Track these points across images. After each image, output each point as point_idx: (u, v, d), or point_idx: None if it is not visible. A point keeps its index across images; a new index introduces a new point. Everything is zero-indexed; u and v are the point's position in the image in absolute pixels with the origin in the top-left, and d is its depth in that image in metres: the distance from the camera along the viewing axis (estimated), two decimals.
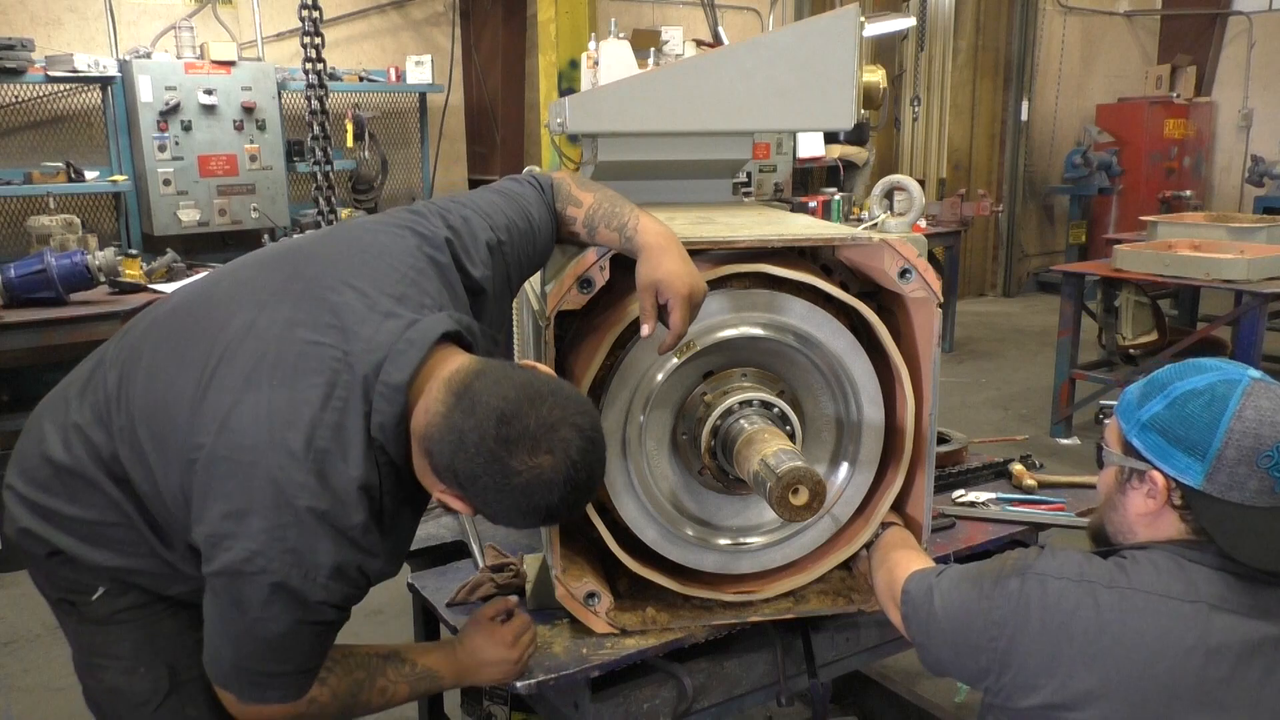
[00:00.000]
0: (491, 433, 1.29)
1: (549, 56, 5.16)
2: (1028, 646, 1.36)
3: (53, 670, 3.36)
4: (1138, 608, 1.32)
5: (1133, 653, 1.30)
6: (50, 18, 5.60)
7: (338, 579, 1.36)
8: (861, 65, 2.00)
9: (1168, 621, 1.30)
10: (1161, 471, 1.36)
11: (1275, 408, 1.31)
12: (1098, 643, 1.31)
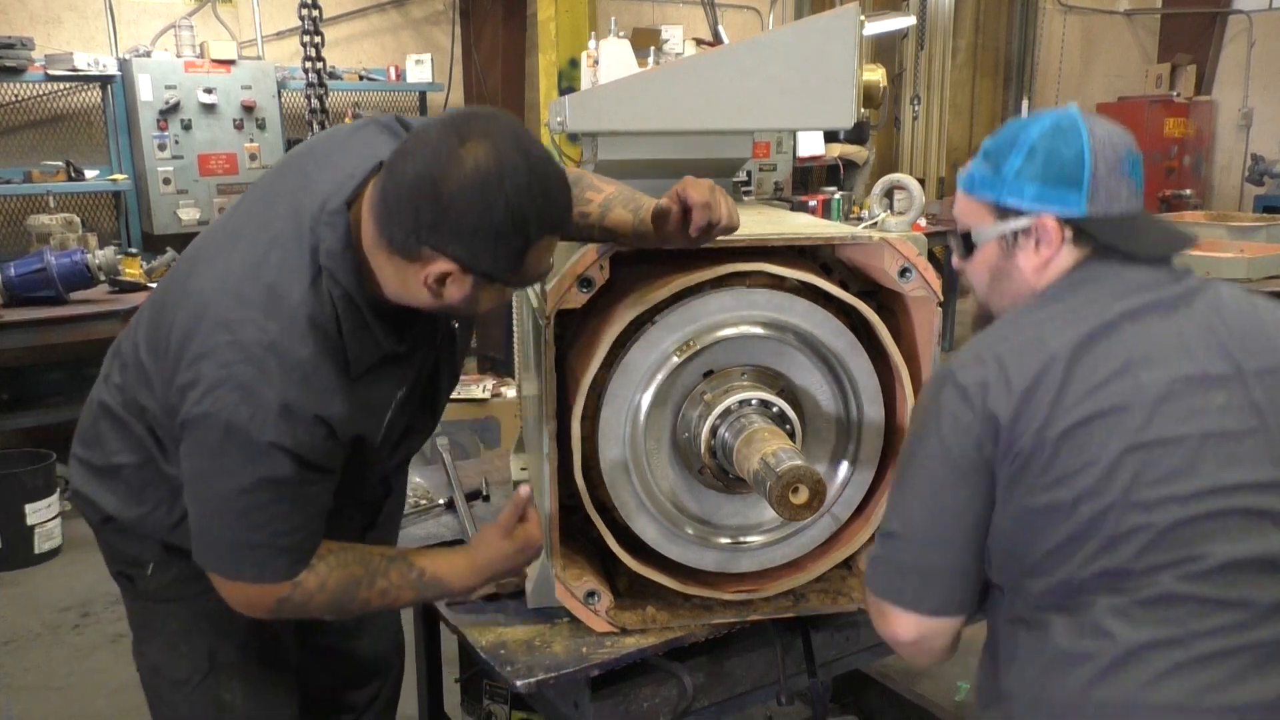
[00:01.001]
0: (433, 141, 1.29)
1: (549, 55, 5.16)
2: (1007, 411, 1.26)
3: (53, 670, 3.36)
4: (1052, 327, 1.30)
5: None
6: (50, 16, 5.60)
7: (287, 418, 1.33)
8: (861, 64, 2.00)
9: (1085, 315, 1.31)
10: (1049, 214, 1.35)
11: (1105, 124, 1.37)
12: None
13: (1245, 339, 1.29)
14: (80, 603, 3.83)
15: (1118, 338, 1.27)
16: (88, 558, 4.19)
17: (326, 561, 1.46)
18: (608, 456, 1.69)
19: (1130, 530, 1.20)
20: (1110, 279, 1.34)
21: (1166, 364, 1.25)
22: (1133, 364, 1.25)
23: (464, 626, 1.78)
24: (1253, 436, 1.23)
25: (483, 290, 1.38)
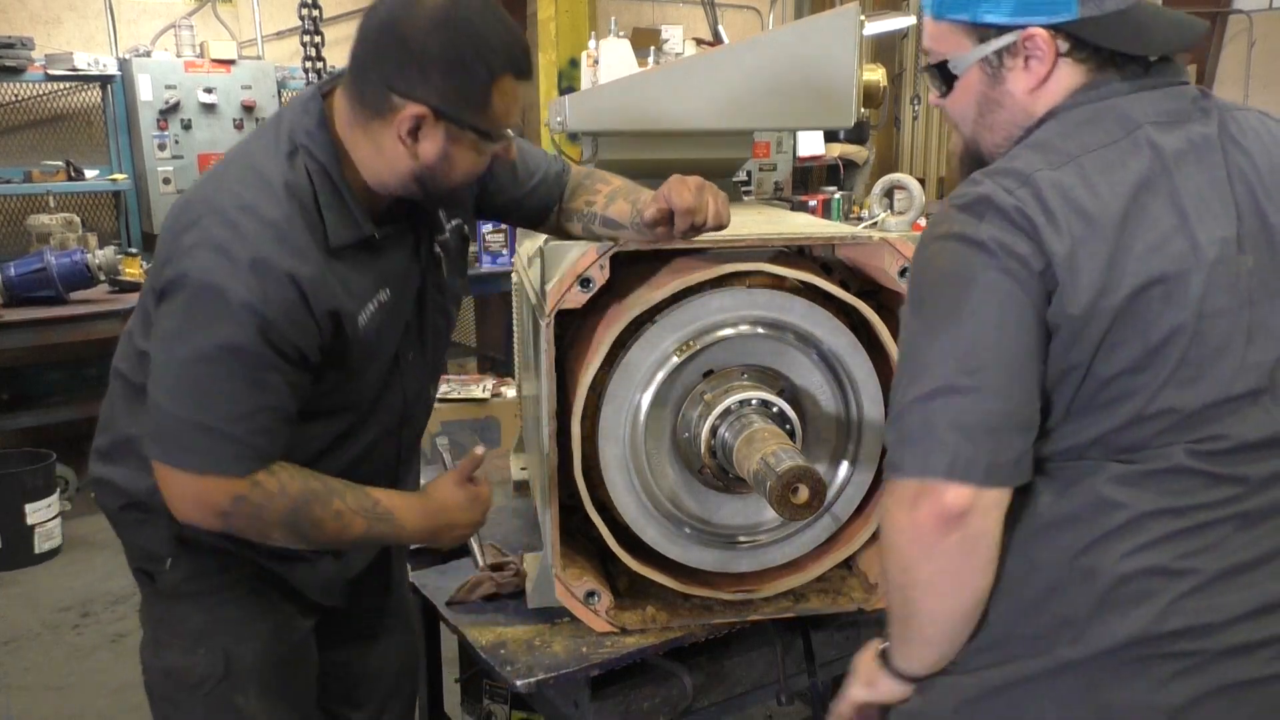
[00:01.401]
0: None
1: (549, 55, 5.16)
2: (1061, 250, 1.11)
3: (53, 669, 3.36)
4: (1096, 166, 1.14)
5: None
6: (50, 16, 5.60)
7: (258, 273, 1.33)
8: (861, 64, 2.00)
9: (1128, 161, 1.15)
10: (1036, 24, 1.18)
11: None
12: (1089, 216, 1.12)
13: (1270, 182, 1.19)
14: (80, 603, 3.83)
15: (1167, 186, 1.13)
16: (88, 558, 4.19)
17: (288, 470, 1.44)
18: (608, 456, 1.69)
19: (1160, 411, 1.11)
20: (1136, 107, 1.18)
21: (1214, 220, 1.14)
22: (1188, 219, 1.13)
23: (464, 626, 1.79)
24: (1272, 301, 1.15)
25: (455, 145, 1.40)
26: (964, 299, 1.11)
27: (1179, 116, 1.19)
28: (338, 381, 1.49)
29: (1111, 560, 1.12)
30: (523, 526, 2.19)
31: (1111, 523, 1.12)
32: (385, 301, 1.51)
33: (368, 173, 1.44)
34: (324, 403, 1.51)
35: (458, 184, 1.48)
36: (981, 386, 1.10)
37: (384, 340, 1.54)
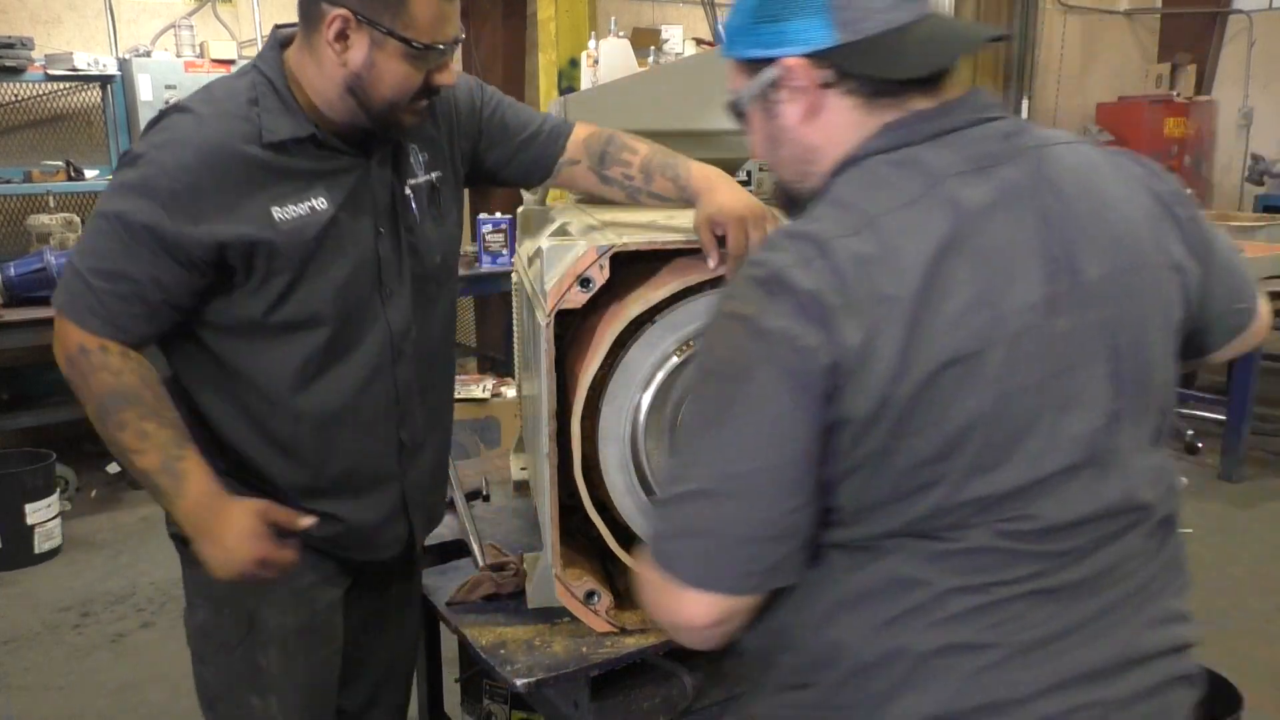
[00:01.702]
0: None
1: (549, 55, 5.16)
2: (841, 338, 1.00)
3: (53, 669, 3.36)
4: (895, 230, 1.03)
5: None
6: (50, 16, 5.59)
7: (172, 151, 1.48)
8: None
9: (928, 223, 1.03)
10: (792, 54, 1.10)
11: None
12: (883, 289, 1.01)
13: (1086, 231, 1.06)
14: (80, 603, 3.83)
15: (971, 249, 1.02)
16: (88, 558, 4.19)
17: (140, 368, 1.52)
18: (608, 456, 1.69)
19: (968, 500, 1.03)
20: (938, 156, 1.07)
21: (1023, 282, 1.03)
22: (993, 285, 1.02)
23: (464, 626, 1.79)
24: (1089, 366, 1.05)
25: (380, 51, 1.48)
26: (736, 398, 1.03)
27: (988, 160, 1.07)
28: (280, 286, 1.55)
29: (910, 638, 1.05)
30: (523, 526, 2.19)
31: (911, 601, 1.05)
32: (322, 210, 1.56)
33: (314, 93, 1.54)
34: (281, 312, 1.57)
35: (389, 98, 1.52)
36: (740, 494, 1.03)
37: (329, 251, 1.58)
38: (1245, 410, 4.82)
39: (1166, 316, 1.13)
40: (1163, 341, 1.12)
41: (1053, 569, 1.06)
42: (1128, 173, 1.17)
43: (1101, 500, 1.07)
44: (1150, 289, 1.11)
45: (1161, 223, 1.15)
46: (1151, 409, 1.12)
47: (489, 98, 1.81)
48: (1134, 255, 1.10)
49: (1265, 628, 3.51)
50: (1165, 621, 1.12)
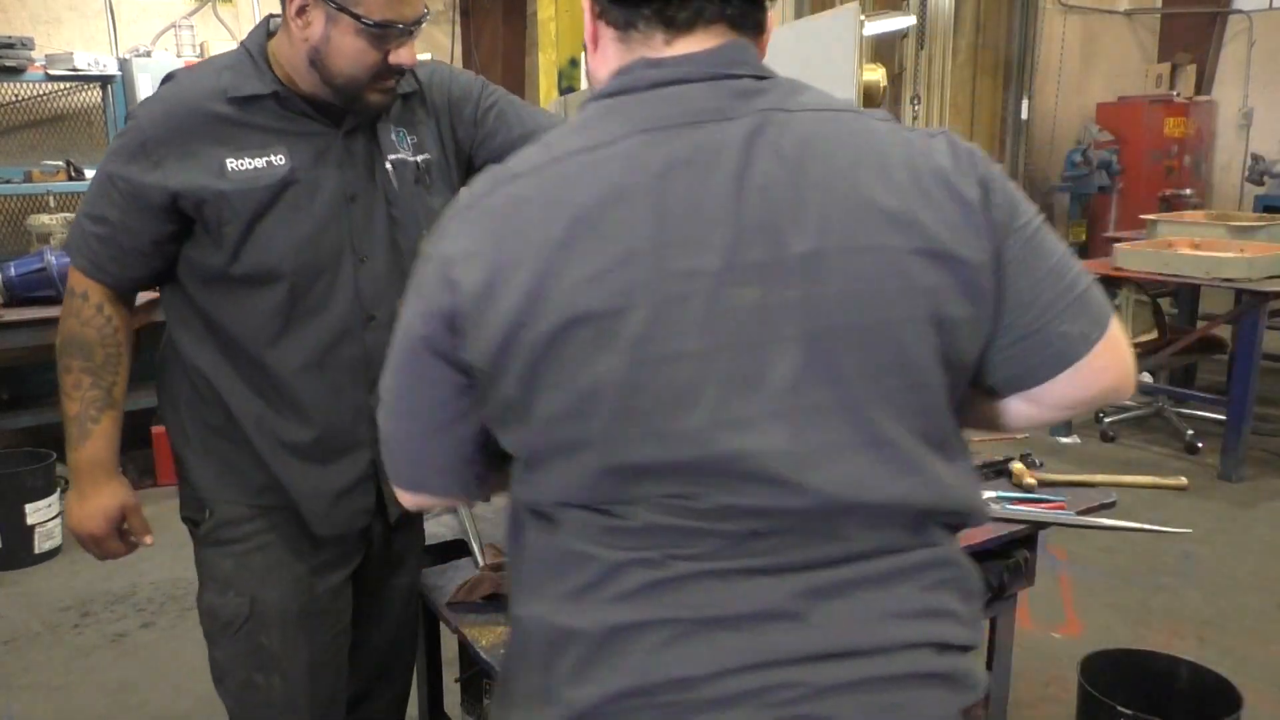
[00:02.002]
0: None
1: (549, 55, 5.16)
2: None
3: (53, 669, 3.36)
4: (564, 176, 0.99)
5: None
6: (50, 16, 5.59)
7: (149, 108, 1.65)
8: (861, 64, 2.00)
9: (597, 173, 0.98)
10: None
11: None
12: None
13: (805, 204, 0.97)
14: (80, 602, 3.83)
15: (638, 204, 0.96)
16: (88, 558, 4.17)
17: (107, 325, 1.71)
18: None
19: (620, 469, 0.98)
20: (643, 108, 1.01)
21: (692, 247, 0.95)
22: (653, 245, 0.95)
23: (464, 626, 1.78)
24: (780, 346, 0.95)
25: (335, 27, 1.55)
26: (397, 332, 1.08)
27: (697, 117, 1.00)
28: (234, 236, 1.63)
29: (585, 615, 1.01)
30: None
31: (586, 576, 1.01)
32: (279, 166, 1.63)
33: (288, 65, 1.64)
34: (240, 263, 1.65)
35: (346, 72, 1.59)
36: (400, 416, 1.11)
37: (286, 207, 1.64)
38: (1245, 410, 4.81)
39: (922, 309, 0.99)
40: (918, 336, 0.99)
41: (741, 551, 0.99)
42: (910, 151, 1.02)
43: (793, 492, 0.97)
44: (888, 274, 0.97)
45: (935, 208, 0.99)
46: (907, 408, 1.00)
47: (490, 91, 1.86)
48: (868, 235, 0.97)
49: (1265, 628, 3.51)
50: (917, 616, 1.03)
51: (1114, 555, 4.02)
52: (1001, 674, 2.37)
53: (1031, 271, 1.04)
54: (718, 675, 0.98)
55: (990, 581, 2.12)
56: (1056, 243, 1.08)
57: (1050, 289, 1.05)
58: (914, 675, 1.01)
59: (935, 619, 1.04)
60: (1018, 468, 2.41)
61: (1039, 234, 1.06)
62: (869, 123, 1.06)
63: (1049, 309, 1.04)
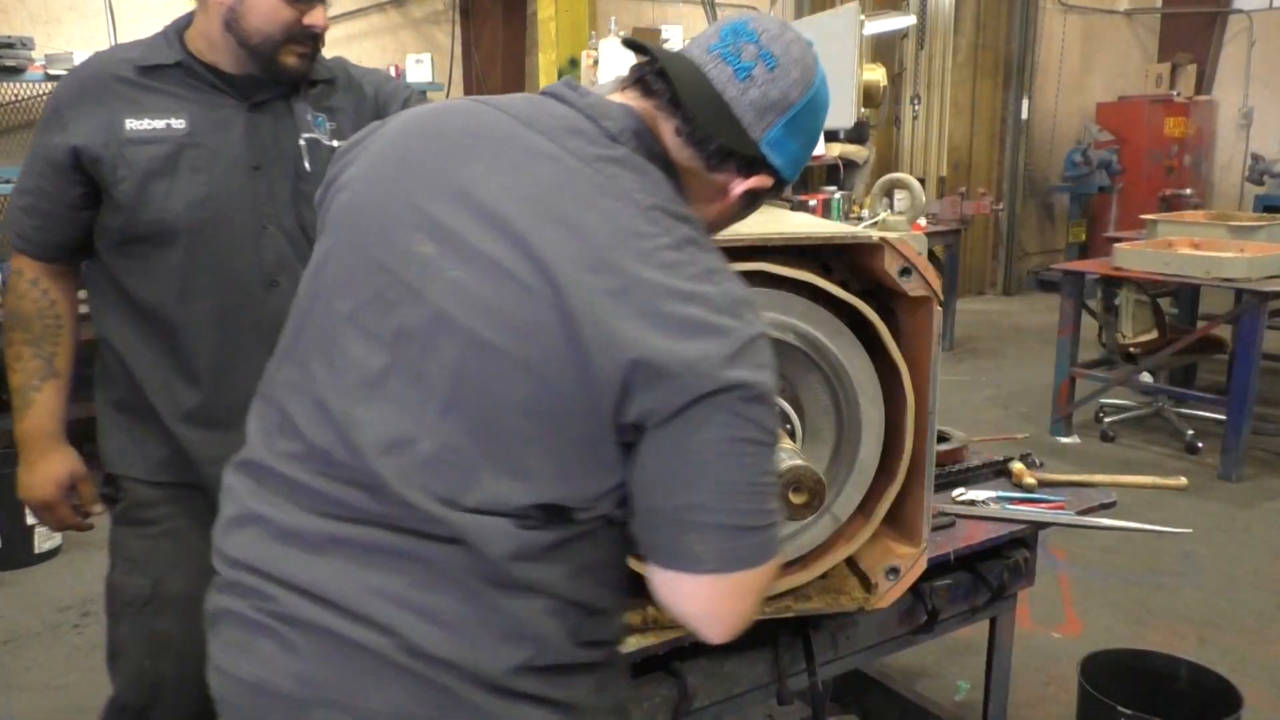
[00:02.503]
0: None
1: (549, 55, 5.16)
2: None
3: (53, 668, 3.36)
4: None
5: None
6: (50, 16, 5.59)
7: (65, 81, 1.78)
8: (861, 64, 2.00)
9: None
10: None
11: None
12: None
13: (445, 208, 1.12)
14: (80, 602, 3.83)
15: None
16: (88, 557, 4.19)
17: (44, 298, 1.83)
18: None
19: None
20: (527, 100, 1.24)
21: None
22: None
23: None
24: (353, 336, 1.14)
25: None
26: None
27: (522, 120, 1.18)
28: (129, 193, 1.70)
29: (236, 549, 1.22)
30: None
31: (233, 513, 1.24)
32: (178, 129, 1.72)
33: (203, 39, 1.75)
34: (137, 222, 1.72)
35: (262, 29, 1.70)
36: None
37: (184, 170, 1.72)
38: (1245, 410, 4.81)
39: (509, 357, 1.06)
40: (511, 382, 1.06)
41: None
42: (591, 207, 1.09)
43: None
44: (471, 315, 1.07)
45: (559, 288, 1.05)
46: (486, 441, 1.08)
47: (401, 89, 1.95)
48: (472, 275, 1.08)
49: (1265, 628, 3.51)
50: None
51: (1114, 555, 4.02)
52: (1001, 674, 2.37)
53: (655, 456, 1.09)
54: (244, 567, 1.18)
55: (990, 581, 2.12)
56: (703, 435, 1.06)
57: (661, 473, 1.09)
58: (359, 646, 1.08)
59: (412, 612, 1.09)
60: (1018, 468, 2.41)
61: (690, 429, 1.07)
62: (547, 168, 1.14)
63: (655, 487, 1.11)
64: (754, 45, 1.17)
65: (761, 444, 1.08)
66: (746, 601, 1.13)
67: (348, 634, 1.08)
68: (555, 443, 1.08)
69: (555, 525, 1.11)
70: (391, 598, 1.08)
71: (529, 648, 1.10)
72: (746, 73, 1.16)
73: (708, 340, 1.04)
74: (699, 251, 1.09)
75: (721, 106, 1.17)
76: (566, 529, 1.12)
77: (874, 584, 1.83)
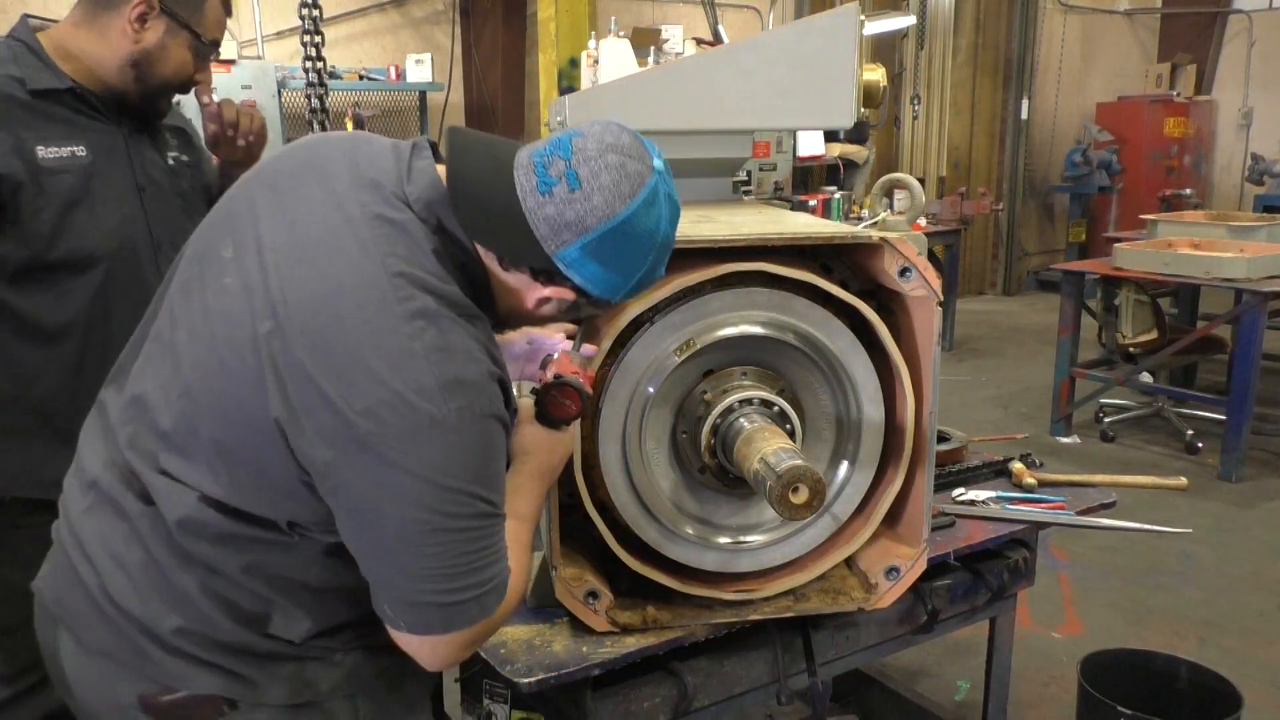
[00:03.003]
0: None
1: (549, 55, 5.16)
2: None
3: None
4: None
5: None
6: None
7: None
8: (861, 63, 2.00)
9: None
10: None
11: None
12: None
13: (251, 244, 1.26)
14: None
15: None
16: None
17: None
18: (608, 456, 1.69)
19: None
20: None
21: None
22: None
23: None
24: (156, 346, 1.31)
25: (172, 39, 1.80)
26: None
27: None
28: (50, 221, 1.72)
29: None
30: None
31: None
32: (81, 157, 1.77)
33: (90, 60, 1.79)
34: (59, 248, 1.74)
35: (167, 77, 1.83)
36: None
37: (95, 196, 1.78)
38: (1245, 410, 4.81)
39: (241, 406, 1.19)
40: (223, 393, 1.20)
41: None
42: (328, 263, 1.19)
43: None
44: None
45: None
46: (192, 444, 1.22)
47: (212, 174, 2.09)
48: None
49: (1265, 628, 3.51)
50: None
51: (1114, 555, 4.02)
52: (1001, 674, 2.37)
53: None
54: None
55: (990, 581, 2.12)
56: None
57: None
58: (84, 584, 1.27)
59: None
60: (1018, 468, 2.41)
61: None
62: (319, 226, 1.25)
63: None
64: (563, 162, 1.18)
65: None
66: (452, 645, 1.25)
67: (79, 570, 1.28)
68: (244, 454, 1.19)
69: (237, 520, 1.22)
70: (107, 547, 1.26)
71: (189, 618, 1.23)
72: (548, 188, 1.18)
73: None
74: (427, 326, 1.13)
75: (515, 213, 1.18)
76: (248, 528, 1.22)
77: (874, 584, 1.83)
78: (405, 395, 1.10)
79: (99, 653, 1.27)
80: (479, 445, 1.15)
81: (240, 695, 1.25)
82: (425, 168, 1.25)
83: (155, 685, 1.24)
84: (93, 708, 1.31)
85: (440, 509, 1.13)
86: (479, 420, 1.15)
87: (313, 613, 1.27)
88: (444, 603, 1.17)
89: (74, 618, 1.29)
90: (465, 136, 1.26)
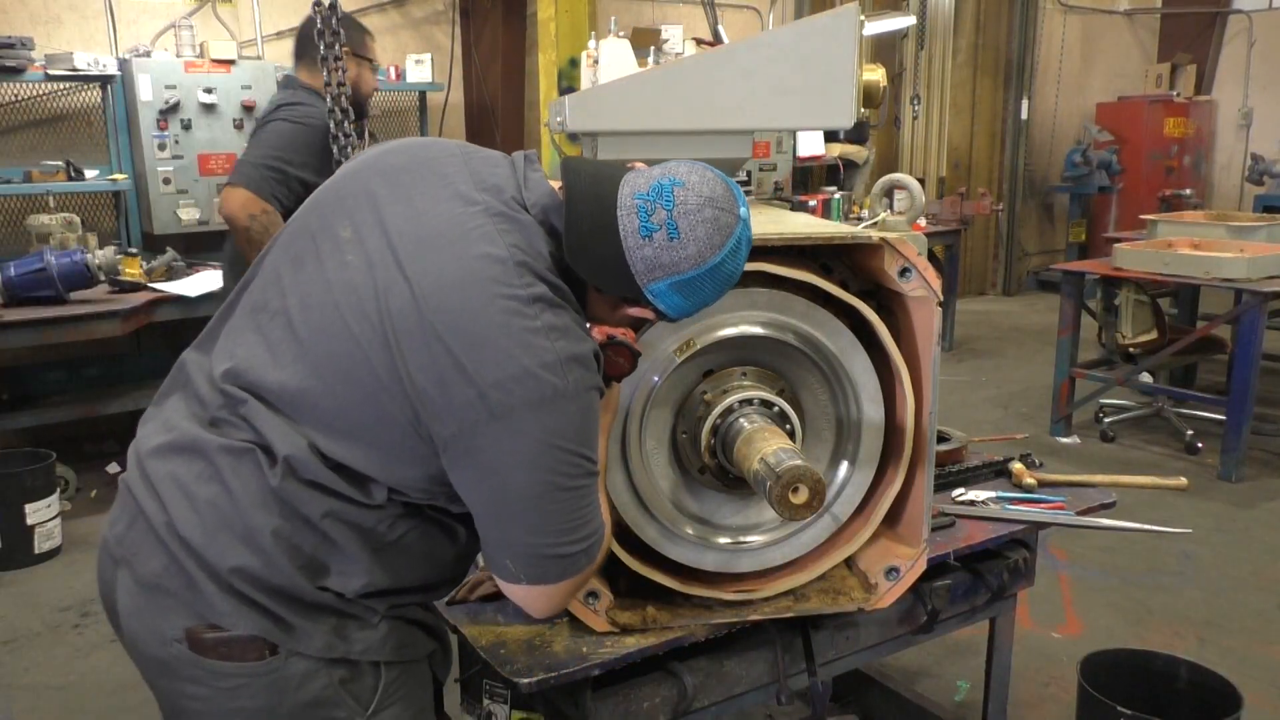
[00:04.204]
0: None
1: (549, 55, 5.16)
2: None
3: (53, 668, 3.36)
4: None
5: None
6: (50, 16, 5.59)
7: None
8: (861, 64, 2.00)
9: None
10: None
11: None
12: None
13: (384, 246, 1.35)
14: (80, 602, 3.83)
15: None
16: (87, 558, 4.19)
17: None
18: (608, 456, 1.69)
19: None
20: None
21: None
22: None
23: (464, 626, 1.78)
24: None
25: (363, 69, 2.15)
26: None
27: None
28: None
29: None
30: None
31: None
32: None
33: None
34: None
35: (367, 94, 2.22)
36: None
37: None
38: (1245, 410, 4.81)
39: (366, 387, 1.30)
40: (353, 357, 1.29)
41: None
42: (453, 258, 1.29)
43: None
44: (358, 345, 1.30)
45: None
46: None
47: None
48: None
49: (1265, 628, 3.51)
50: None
51: (1114, 555, 4.02)
52: (1001, 674, 2.37)
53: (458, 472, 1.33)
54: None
55: (990, 582, 2.12)
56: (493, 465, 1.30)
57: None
58: (145, 515, 1.36)
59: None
60: (1018, 468, 2.41)
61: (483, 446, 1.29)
62: (447, 236, 1.35)
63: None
64: (665, 212, 1.31)
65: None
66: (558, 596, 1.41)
67: (145, 508, 1.35)
68: (358, 414, 1.29)
69: (335, 471, 1.31)
70: (179, 483, 1.33)
71: (251, 557, 1.30)
72: (649, 234, 1.31)
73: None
74: (545, 309, 1.27)
75: (616, 255, 1.32)
76: (341, 480, 1.31)
77: (874, 584, 1.83)
78: (532, 369, 1.24)
79: (153, 586, 1.34)
80: (588, 413, 1.30)
81: (281, 640, 1.32)
82: (539, 178, 1.40)
83: (203, 621, 1.31)
84: (140, 638, 1.38)
85: (560, 469, 1.28)
86: (588, 391, 1.29)
87: (370, 571, 1.35)
88: (561, 554, 1.33)
89: (134, 553, 1.37)
90: (576, 175, 1.38)
